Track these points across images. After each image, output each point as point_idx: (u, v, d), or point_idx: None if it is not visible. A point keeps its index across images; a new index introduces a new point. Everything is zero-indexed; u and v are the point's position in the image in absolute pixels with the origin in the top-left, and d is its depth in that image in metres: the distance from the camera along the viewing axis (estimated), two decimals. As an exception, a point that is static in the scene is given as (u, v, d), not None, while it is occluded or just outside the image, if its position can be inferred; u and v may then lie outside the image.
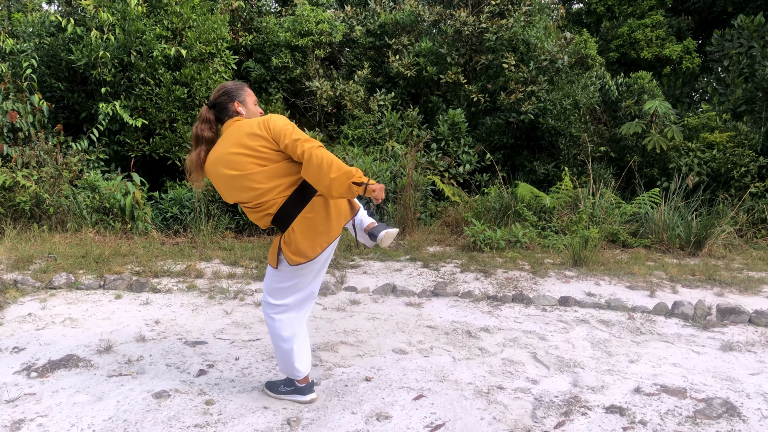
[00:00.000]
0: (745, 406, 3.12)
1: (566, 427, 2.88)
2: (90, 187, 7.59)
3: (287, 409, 3.01)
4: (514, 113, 9.95)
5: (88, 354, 3.67)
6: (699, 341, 4.17)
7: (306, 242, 2.81)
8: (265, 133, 2.74)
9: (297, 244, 2.81)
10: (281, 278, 2.95)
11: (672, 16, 15.20)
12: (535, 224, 7.97)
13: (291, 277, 2.93)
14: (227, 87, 2.94)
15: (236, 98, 2.92)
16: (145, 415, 2.91)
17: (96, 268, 5.64)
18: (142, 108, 8.80)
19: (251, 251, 6.59)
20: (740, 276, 6.12)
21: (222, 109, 2.93)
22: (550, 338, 4.18)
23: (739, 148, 9.65)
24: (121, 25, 8.63)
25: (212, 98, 2.95)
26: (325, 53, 10.51)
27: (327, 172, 2.60)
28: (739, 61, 11.28)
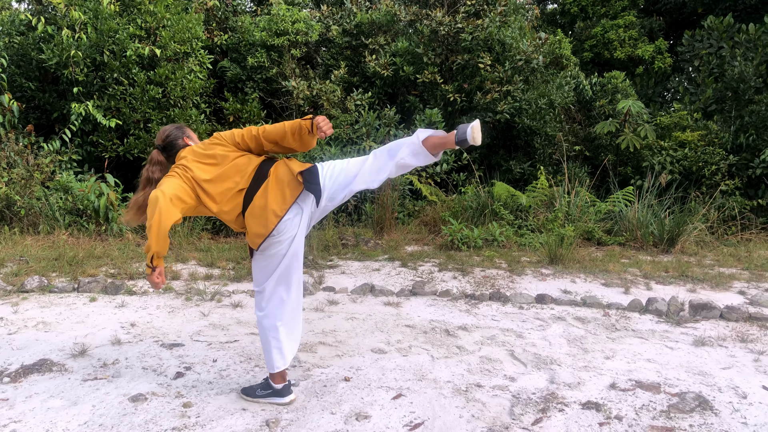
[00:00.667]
0: (717, 400, 3.18)
1: (544, 424, 2.91)
2: (62, 188, 7.47)
3: (266, 411, 3.00)
4: (490, 113, 10.02)
5: (62, 358, 3.61)
6: (672, 337, 4.24)
7: (257, 222, 2.91)
8: (218, 140, 2.98)
9: (251, 227, 2.94)
10: (257, 262, 3.07)
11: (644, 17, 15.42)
12: (511, 223, 8.04)
13: (262, 258, 3.02)
14: (170, 128, 3.13)
15: (183, 134, 3.11)
16: (122, 419, 2.88)
17: (69, 271, 5.56)
18: (115, 108, 8.68)
19: (228, 252, 6.55)
20: (712, 272, 6.24)
21: (172, 147, 3.07)
22: (527, 336, 4.23)
23: (710, 146, 9.84)
24: (93, 23, 8.51)
25: (159, 141, 3.09)
26: (301, 53, 10.47)
27: (284, 126, 2.89)
28: (709, 61, 11.50)
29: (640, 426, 2.89)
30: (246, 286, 5.39)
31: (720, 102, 10.99)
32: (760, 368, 3.65)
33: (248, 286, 5.39)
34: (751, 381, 3.45)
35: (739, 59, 10.51)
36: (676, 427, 2.88)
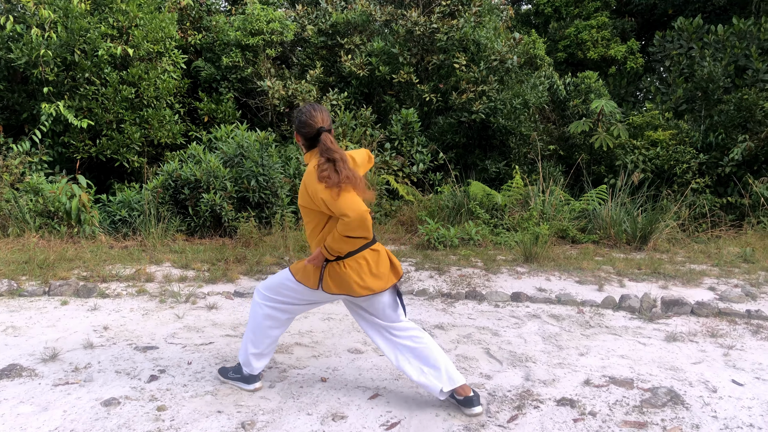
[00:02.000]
0: (688, 394, 3.24)
1: (519, 421, 2.93)
2: (33, 190, 7.33)
3: (241, 413, 2.98)
4: (466, 113, 10.08)
5: (32, 363, 3.54)
6: (645, 333, 4.31)
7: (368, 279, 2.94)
8: None
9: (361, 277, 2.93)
10: (298, 289, 3.05)
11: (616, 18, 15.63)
12: (487, 222, 8.09)
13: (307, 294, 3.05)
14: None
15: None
16: (94, 424, 2.84)
17: (40, 274, 5.46)
18: (87, 108, 8.55)
19: (203, 254, 6.49)
20: (683, 269, 6.35)
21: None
22: (503, 334, 4.26)
23: (681, 145, 10.01)
24: (64, 22, 8.36)
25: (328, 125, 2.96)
26: (276, 52, 10.42)
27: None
28: (679, 61, 11.70)
29: (614, 421, 2.93)
30: (221, 287, 5.35)
31: (690, 102, 11.19)
32: (729, 362, 3.73)
33: (223, 287, 5.35)
34: (720, 375, 3.51)
35: (708, 60, 10.71)
36: (649, 422, 2.92)
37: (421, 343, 3.01)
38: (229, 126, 8.96)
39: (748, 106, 9.90)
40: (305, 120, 2.89)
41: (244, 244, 6.97)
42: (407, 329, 3.05)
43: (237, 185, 7.66)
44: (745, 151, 9.51)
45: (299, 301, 3.09)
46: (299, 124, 2.92)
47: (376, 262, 2.94)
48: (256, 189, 7.63)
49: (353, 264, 2.90)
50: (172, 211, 7.60)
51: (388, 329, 3.05)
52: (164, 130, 9.01)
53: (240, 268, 5.96)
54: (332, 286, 2.93)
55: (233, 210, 7.49)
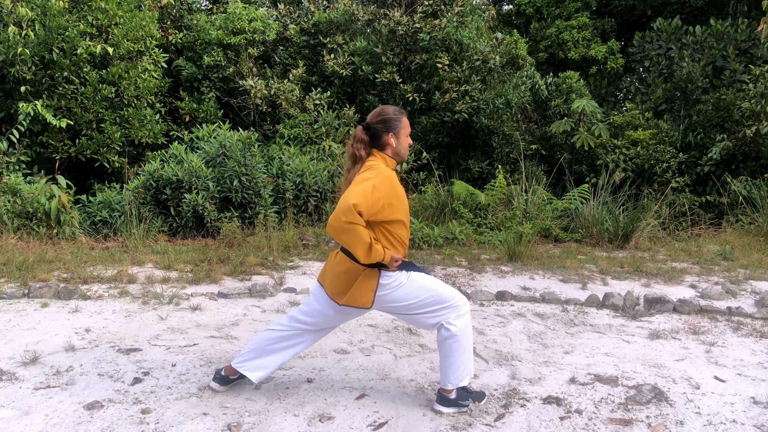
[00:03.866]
0: (672, 391, 3.27)
1: (506, 420, 2.94)
2: (10, 190, 7.20)
3: (227, 415, 2.95)
4: (449, 112, 10.10)
5: (11, 366, 3.48)
6: (629, 331, 4.35)
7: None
8: None
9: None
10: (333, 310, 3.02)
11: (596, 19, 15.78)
12: (471, 221, 8.12)
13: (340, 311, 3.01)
14: (387, 115, 2.92)
15: (392, 129, 2.92)
16: (77, 428, 2.79)
17: (19, 276, 5.36)
18: (66, 108, 8.42)
19: (186, 254, 6.43)
20: (665, 267, 6.42)
21: (375, 137, 2.92)
22: (489, 332, 4.27)
23: (661, 145, 10.13)
24: (42, 20, 8.23)
25: (370, 121, 2.92)
26: (258, 52, 10.36)
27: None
28: (658, 62, 11.84)
29: (600, 419, 2.95)
30: (204, 288, 5.30)
31: (669, 102, 11.33)
32: (711, 359, 3.77)
33: (207, 288, 5.31)
34: (703, 372, 3.56)
35: (686, 60, 10.85)
36: (634, 419, 2.95)
37: None
38: (211, 125, 8.88)
39: (725, 106, 10.05)
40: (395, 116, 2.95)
41: (227, 245, 6.92)
42: None
43: (219, 185, 7.60)
44: (723, 151, 9.64)
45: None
46: (389, 121, 2.93)
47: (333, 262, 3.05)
48: (238, 189, 7.58)
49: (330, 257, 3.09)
50: (153, 212, 7.52)
51: None
52: (145, 130, 8.91)
53: (223, 268, 5.91)
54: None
55: (216, 210, 7.43)
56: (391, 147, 2.93)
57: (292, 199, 8.02)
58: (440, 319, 2.92)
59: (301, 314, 3.07)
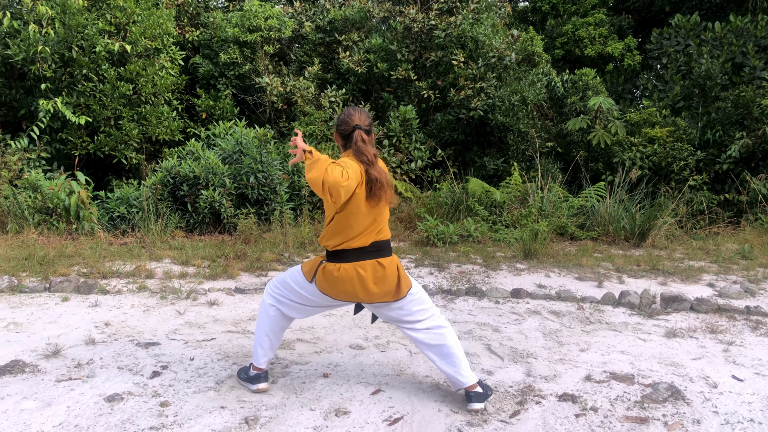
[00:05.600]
0: (689, 390, 3.26)
1: (521, 416, 2.95)
2: (31, 186, 7.31)
3: (244, 408, 2.99)
4: (464, 109, 10.08)
5: (34, 359, 3.54)
6: (645, 329, 4.33)
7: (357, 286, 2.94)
8: None
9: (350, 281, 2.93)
10: (302, 285, 3.07)
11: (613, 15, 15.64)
12: (486, 219, 8.11)
13: (310, 291, 3.06)
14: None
15: None
16: (98, 420, 2.84)
17: (40, 271, 5.45)
18: (85, 105, 8.53)
19: (203, 250, 6.49)
20: (681, 265, 6.37)
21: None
22: (504, 330, 4.27)
23: (678, 142, 10.04)
24: (61, 19, 8.34)
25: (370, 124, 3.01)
26: (274, 49, 10.40)
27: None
28: (676, 58, 11.72)
29: (615, 416, 2.95)
30: (222, 284, 5.35)
31: (687, 99, 11.22)
32: (729, 358, 3.75)
33: (224, 284, 5.36)
34: (721, 371, 3.53)
35: (705, 57, 10.73)
36: (650, 417, 2.94)
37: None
38: (228, 123, 8.94)
39: (745, 104, 9.93)
40: (343, 118, 2.97)
41: (244, 241, 6.97)
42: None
43: (236, 182, 7.65)
44: (743, 148, 9.54)
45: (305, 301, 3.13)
46: (337, 122, 3.01)
47: (375, 277, 2.94)
48: (255, 186, 7.63)
49: (350, 271, 2.92)
50: (171, 208, 7.59)
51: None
52: (162, 127, 8.99)
53: (240, 264, 5.96)
54: (324, 285, 2.98)
55: (232, 207, 7.49)
56: None
57: (308, 195, 8.06)
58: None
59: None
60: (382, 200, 2.91)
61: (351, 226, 2.89)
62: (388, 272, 2.95)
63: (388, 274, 2.95)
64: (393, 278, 2.96)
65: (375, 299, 2.95)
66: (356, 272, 2.91)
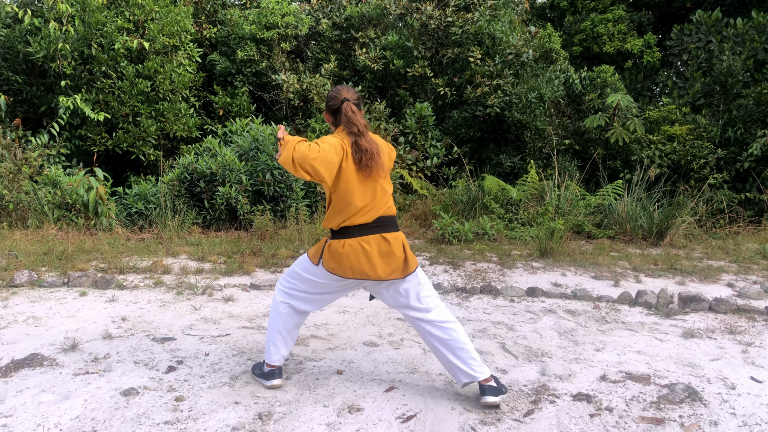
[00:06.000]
0: (706, 391, 3.22)
1: (535, 415, 2.93)
2: (51, 182, 7.41)
3: (258, 404, 3.00)
4: (481, 107, 10.04)
5: (52, 352, 3.59)
6: (662, 329, 4.28)
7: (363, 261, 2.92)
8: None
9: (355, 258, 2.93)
10: (310, 270, 3.08)
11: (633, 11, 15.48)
12: (502, 216, 8.07)
13: (318, 275, 3.05)
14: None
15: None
16: (114, 413, 2.87)
17: (59, 266, 5.52)
18: (104, 102, 8.61)
19: (219, 246, 6.53)
20: (700, 265, 6.29)
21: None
22: (518, 328, 4.25)
23: (698, 140, 9.91)
24: (81, 16, 8.43)
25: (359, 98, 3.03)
26: (291, 46, 10.43)
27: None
28: (697, 55, 11.57)
29: (631, 417, 2.92)
30: (237, 280, 5.38)
31: (708, 96, 11.07)
32: (748, 359, 3.69)
33: (239, 280, 5.39)
34: (739, 372, 3.49)
35: (727, 53, 10.58)
36: (666, 418, 2.91)
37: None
38: (244, 120, 8.99)
39: (767, 101, 9.77)
40: (331, 94, 2.99)
41: (260, 237, 7.00)
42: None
43: (252, 178, 7.69)
44: (765, 146, 9.39)
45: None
46: (326, 100, 3.02)
47: (380, 252, 2.92)
48: (271, 182, 7.66)
49: (355, 246, 2.91)
50: (188, 204, 7.65)
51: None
52: (180, 124, 9.06)
53: (256, 260, 5.99)
54: (330, 264, 2.96)
55: (248, 203, 7.52)
56: None
57: (323, 192, 8.07)
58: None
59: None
60: (374, 172, 2.89)
61: (350, 203, 2.88)
62: (394, 247, 2.93)
63: (394, 249, 2.93)
64: (399, 253, 2.94)
65: (383, 275, 2.92)
66: (361, 246, 2.90)
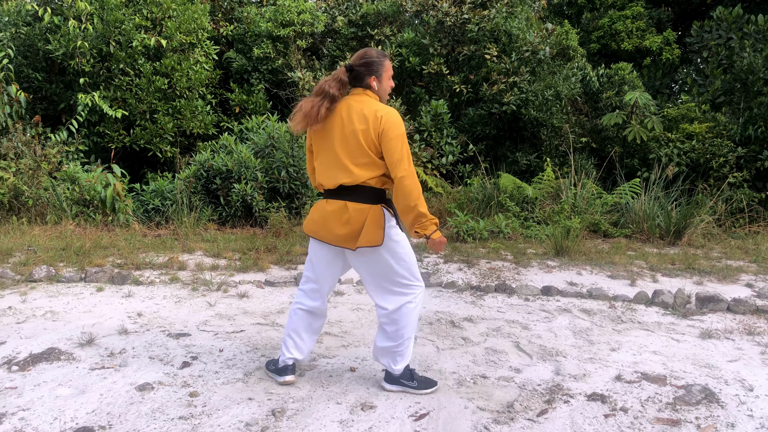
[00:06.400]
0: (724, 393, 3.18)
1: (549, 415, 2.91)
2: (69, 179, 7.49)
3: (272, 400, 3.01)
4: (497, 104, 9.99)
5: (69, 347, 3.63)
6: (679, 329, 4.23)
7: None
8: (374, 134, 2.84)
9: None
10: (309, 247, 3.20)
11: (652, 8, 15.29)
12: (517, 215, 8.02)
13: (310, 249, 3.17)
14: (371, 57, 2.96)
15: (374, 73, 2.96)
16: (129, 408, 2.90)
17: (77, 261, 5.59)
18: (121, 99, 8.69)
19: (234, 243, 6.56)
20: (719, 265, 6.21)
21: (357, 77, 2.97)
22: (533, 327, 4.22)
23: (718, 138, 9.78)
24: (100, 14, 8.51)
25: (353, 62, 2.98)
26: (307, 44, 10.45)
27: (410, 204, 2.82)
28: (717, 52, 11.41)
29: (646, 418, 2.89)
30: (252, 276, 5.41)
31: (729, 94, 10.91)
32: (767, 361, 3.64)
33: (254, 276, 5.41)
34: (758, 374, 3.44)
35: (748, 51, 10.42)
36: (682, 420, 2.88)
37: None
38: (260, 117, 9.02)
39: (789, 99, 9.62)
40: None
41: (275, 234, 7.03)
42: None
43: (267, 176, 7.72)
44: (785, 145, 9.24)
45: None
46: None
47: (340, 218, 2.93)
48: (286, 180, 7.68)
49: (321, 204, 3.04)
50: (203, 201, 7.70)
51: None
52: (196, 121, 9.12)
53: (270, 257, 6.02)
54: (308, 226, 3.09)
55: (264, 200, 7.56)
56: (373, 89, 2.98)
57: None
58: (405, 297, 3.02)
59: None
60: (307, 129, 2.98)
61: (316, 167, 3.01)
62: (353, 217, 2.89)
63: (352, 219, 2.90)
64: (357, 225, 2.90)
65: (335, 240, 2.95)
66: (323, 205, 2.99)
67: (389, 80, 3.03)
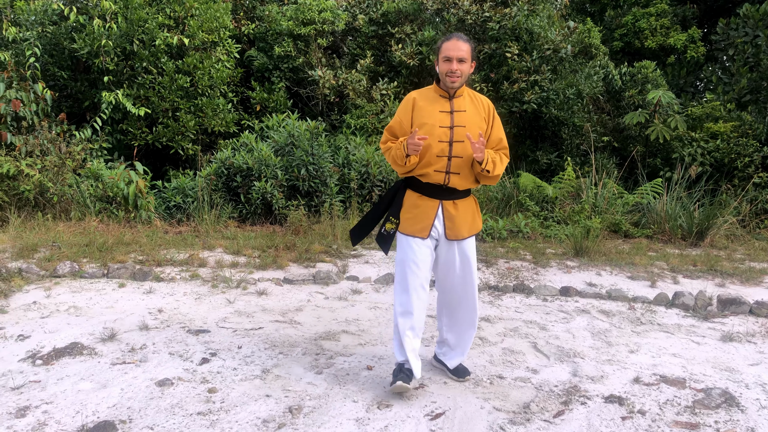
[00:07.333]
0: (744, 397, 3.14)
1: (565, 417, 2.90)
2: (93, 176, 7.61)
3: (289, 398, 3.04)
4: (517, 103, 9.93)
5: (92, 342, 3.70)
6: (699, 332, 4.18)
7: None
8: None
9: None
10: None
11: (677, 5, 15.08)
12: (537, 214, 7.98)
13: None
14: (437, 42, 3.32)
15: (436, 55, 3.22)
16: (149, 403, 2.95)
17: (99, 257, 5.67)
18: (144, 97, 8.80)
19: (254, 240, 6.62)
20: (742, 266, 6.12)
21: None
22: (551, 328, 4.21)
23: (743, 138, 9.62)
24: (124, 13, 8.62)
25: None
26: (327, 42, 10.48)
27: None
28: (744, 50, 11.21)
29: (664, 421, 2.87)
30: (271, 274, 5.45)
31: (755, 92, 10.71)
32: (789, 365, 3.59)
33: (273, 274, 5.45)
34: (779, 378, 3.39)
35: (775, 48, 10.23)
36: (701, 423, 2.85)
37: None
38: (281, 115, 9.07)
39: (817, 98, 9.43)
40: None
41: (294, 232, 7.07)
42: None
43: (287, 174, 7.76)
44: (813, 145, 9.07)
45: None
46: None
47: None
48: (306, 178, 7.72)
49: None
50: (224, 198, 7.77)
51: None
52: (218, 119, 9.20)
53: (289, 255, 6.06)
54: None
55: (284, 198, 7.60)
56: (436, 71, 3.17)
57: (357, 188, 8.10)
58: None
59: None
60: None
61: None
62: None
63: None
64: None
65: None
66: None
67: (442, 62, 3.14)
